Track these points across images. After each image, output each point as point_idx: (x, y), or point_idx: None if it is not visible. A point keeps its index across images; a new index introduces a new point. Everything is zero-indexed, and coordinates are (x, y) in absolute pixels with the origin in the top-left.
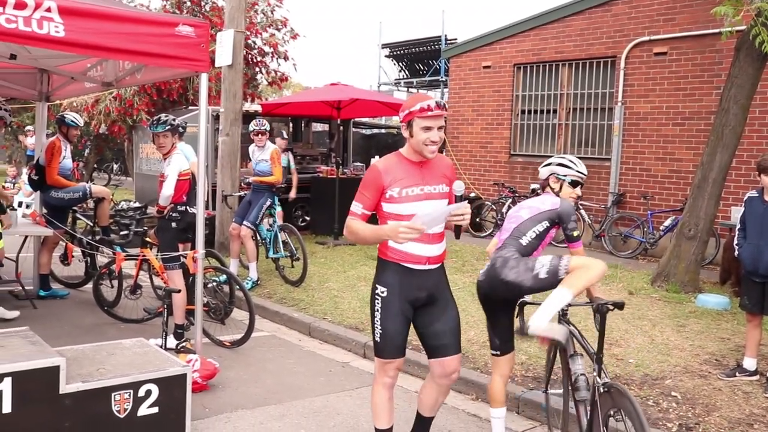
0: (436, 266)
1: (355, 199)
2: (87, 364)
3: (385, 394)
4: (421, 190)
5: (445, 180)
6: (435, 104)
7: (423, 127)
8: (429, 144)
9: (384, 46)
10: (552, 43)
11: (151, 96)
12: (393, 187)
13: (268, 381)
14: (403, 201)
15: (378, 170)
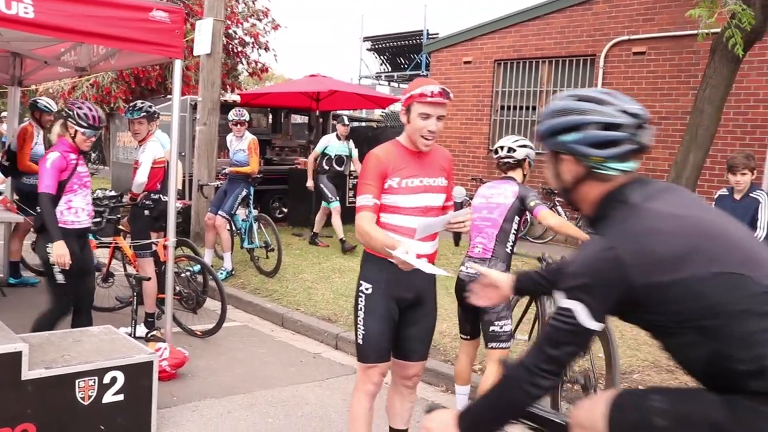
0: None
1: (361, 192)
2: (52, 351)
3: (365, 404)
4: (421, 181)
5: (443, 173)
6: (438, 91)
7: (421, 114)
8: (425, 134)
9: (365, 39)
10: (533, 40)
11: (129, 84)
12: (393, 177)
13: (238, 370)
14: (402, 192)
15: (379, 157)
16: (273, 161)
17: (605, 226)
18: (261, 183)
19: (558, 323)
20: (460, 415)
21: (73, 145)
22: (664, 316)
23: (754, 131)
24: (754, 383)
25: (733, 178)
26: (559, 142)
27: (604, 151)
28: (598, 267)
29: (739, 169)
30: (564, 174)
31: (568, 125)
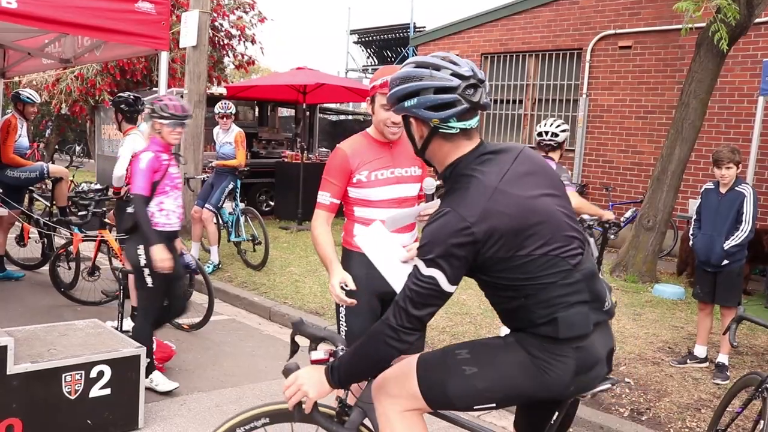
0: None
1: (321, 188)
2: (38, 345)
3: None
4: (392, 173)
5: (417, 162)
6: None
7: (383, 105)
8: (390, 125)
9: (352, 32)
10: (519, 34)
11: (114, 76)
12: (361, 171)
13: (225, 364)
14: (373, 185)
15: (344, 153)
16: (260, 154)
17: (455, 192)
18: (248, 176)
19: (421, 288)
20: (330, 370)
21: (165, 144)
22: (496, 278)
23: (738, 125)
24: (544, 329)
25: (719, 171)
26: (404, 107)
27: (439, 113)
28: (455, 242)
29: (725, 163)
30: (415, 134)
31: (408, 91)
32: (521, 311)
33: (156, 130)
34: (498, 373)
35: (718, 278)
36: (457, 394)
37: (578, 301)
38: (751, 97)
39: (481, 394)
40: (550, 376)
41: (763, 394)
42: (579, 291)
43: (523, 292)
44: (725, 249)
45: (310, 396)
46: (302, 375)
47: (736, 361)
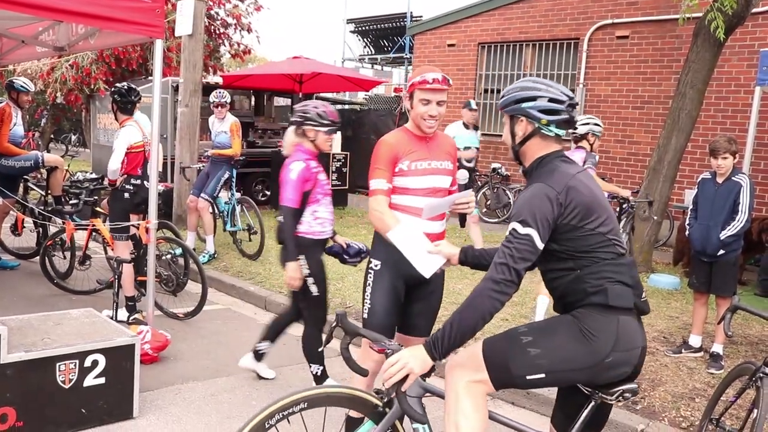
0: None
1: (374, 176)
2: (32, 334)
3: (367, 382)
4: (429, 164)
5: (449, 157)
6: (437, 78)
7: (422, 100)
8: (427, 119)
9: (349, 21)
10: (517, 23)
11: (109, 65)
12: (403, 161)
13: (221, 353)
14: (412, 174)
15: (390, 143)
16: (256, 144)
17: (542, 174)
18: (244, 165)
19: (519, 245)
20: (431, 344)
21: (313, 152)
22: (564, 246)
23: (735, 116)
24: (595, 298)
25: (715, 162)
26: (519, 107)
27: (549, 117)
28: (545, 206)
29: (721, 153)
30: (518, 131)
31: (527, 96)
32: (576, 283)
33: (309, 137)
34: (551, 342)
35: (713, 268)
36: (516, 363)
37: (623, 281)
38: (748, 87)
39: (534, 362)
40: (595, 341)
41: (757, 383)
42: (624, 273)
43: (580, 263)
44: (721, 239)
45: (415, 372)
46: (405, 354)
47: (730, 351)
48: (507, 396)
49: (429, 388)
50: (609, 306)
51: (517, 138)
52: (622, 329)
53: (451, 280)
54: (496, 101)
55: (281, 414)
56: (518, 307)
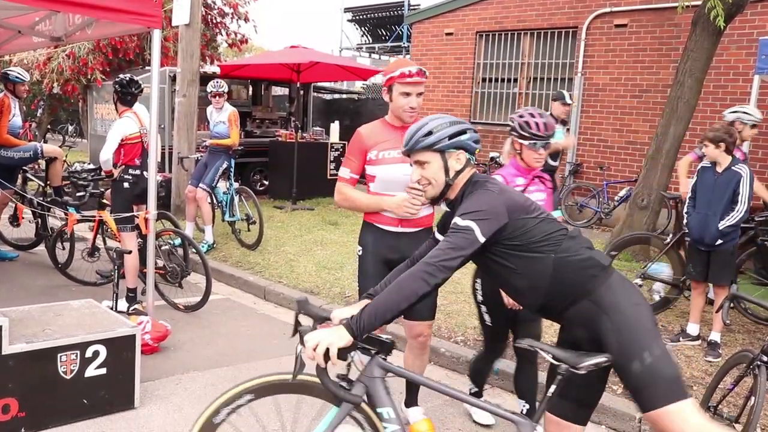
0: (412, 230)
1: (343, 165)
2: (33, 325)
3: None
4: (399, 153)
5: None
6: (415, 71)
7: (402, 93)
8: (408, 110)
9: (347, 10)
10: (515, 12)
11: (106, 55)
12: (373, 150)
13: (221, 343)
14: (381, 163)
15: (361, 134)
16: (254, 133)
17: (477, 189)
18: (242, 155)
19: (459, 236)
20: (350, 322)
21: (522, 167)
22: (528, 242)
23: (733, 104)
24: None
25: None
26: (457, 141)
27: (477, 145)
28: (491, 203)
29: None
30: (453, 165)
31: (460, 129)
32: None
33: (515, 149)
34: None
35: (711, 257)
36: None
37: (589, 246)
38: (747, 76)
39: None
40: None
41: (755, 371)
42: (584, 242)
43: (552, 244)
44: (720, 229)
45: (335, 344)
46: (322, 333)
47: (727, 339)
48: (507, 385)
49: (390, 368)
50: (605, 267)
51: (451, 171)
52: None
53: None
54: (494, 90)
55: (228, 408)
56: None
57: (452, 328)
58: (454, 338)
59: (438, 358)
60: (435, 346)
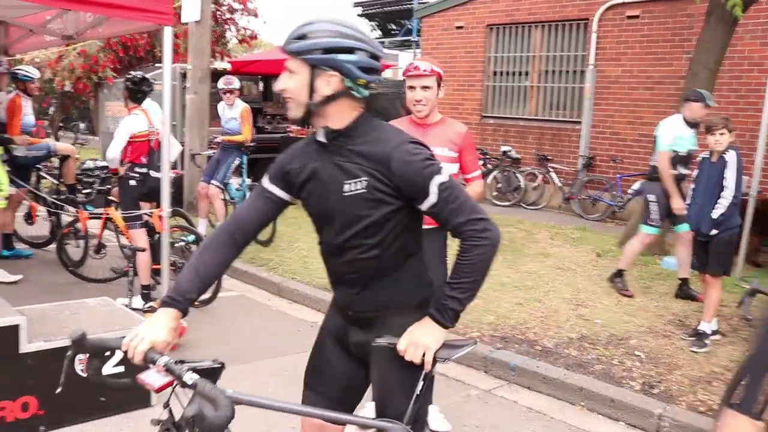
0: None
1: None
2: (50, 323)
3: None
4: None
5: (450, 144)
6: (417, 66)
7: (408, 87)
8: (414, 104)
9: (356, 4)
10: (525, 4)
11: (116, 52)
12: None
13: (236, 340)
14: None
15: None
16: (265, 129)
17: (378, 133)
18: (253, 151)
19: (454, 189)
20: (438, 312)
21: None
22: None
23: (748, 95)
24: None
25: (712, 138)
26: (332, 59)
27: (368, 76)
28: (430, 152)
29: (718, 129)
30: (322, 88)
31: (347, 47)
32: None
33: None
34: None
35: (710, 247)
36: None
37: None
38: (762, 66)
39: None
40: None
41: None
42: None
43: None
44: (713, 218)
45: (432, 348)
46: (415, 333)
47: (748, 334)
48: (523, 381)
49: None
50: None
51: (317, 95)
52: None
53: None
54: (505, 84)
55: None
56: (532, 291)
57: (467, 323)
58: (468, 334)
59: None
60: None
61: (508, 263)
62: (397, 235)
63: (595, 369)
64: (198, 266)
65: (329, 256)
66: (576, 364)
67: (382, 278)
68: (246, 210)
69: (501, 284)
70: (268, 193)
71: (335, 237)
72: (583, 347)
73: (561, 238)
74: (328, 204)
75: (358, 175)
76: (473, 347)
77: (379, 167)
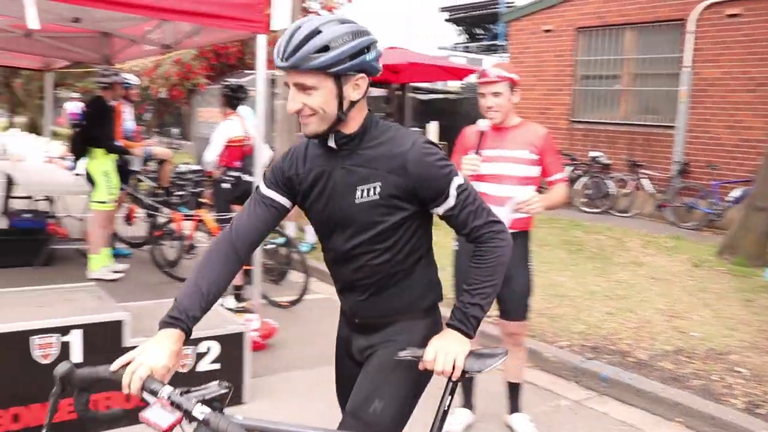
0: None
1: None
2: (148, 320)
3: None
4: (495, 152)
5: (530, 147)
6: (486, 72)
7: (480, 93)
8: (486, 110)
9: (443, 9)
10: (616, 6)
11: (209, 60)
12: (473, 148)
13: (323, 343)
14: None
15: (464, 134)
16: None
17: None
18: None
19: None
20: (459, 320)
21: None
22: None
23: None
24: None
25: None
26: (363, 61)
27: (380, 66)
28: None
29: None
30: (353, 94)
31: (366, 44)
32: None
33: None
34: None
35: None
36: None
37: None
38: None
39: None
40: None
41: None
42: None
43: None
44: None
45: (462, 355)
46: (439, 344)
47: None
48: (615, 393)
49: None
50: None
51: (346, 102)
52: None
53: (552, 272)
54: (595, 88)
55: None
56: (623, 301)
57: (556, 332)
58: (557, 343)
59: (543, 363)
60: (538, 350)
61: (598, 271)
62: (408, 238)
63: (693, 384)
64: (200, 282)
65: (337, 263)
66: (671, 378)
67: (392, 283)
68: (246, 219)
69: (591, 293)
70: (268, 200)
71: (344, 243)
72: (679, 361)
73: (654, 247)
74: (338, 211)
75: (372, 180)
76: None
77: (393, 170)
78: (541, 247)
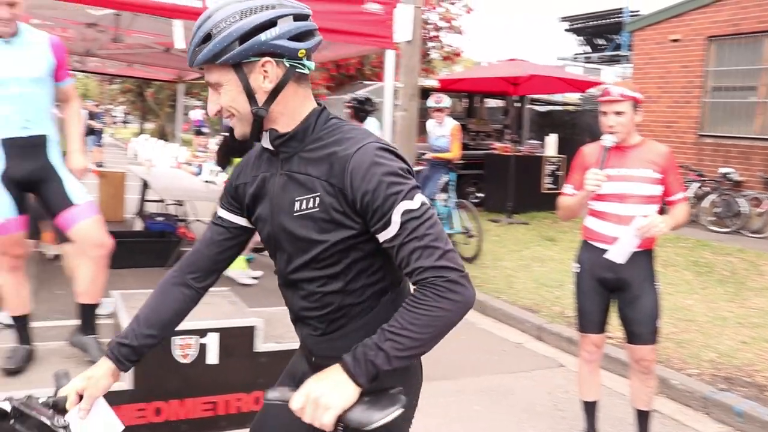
0: None
1: (566, 182)
2: (278, 326)
3: (584, 368)
4: (618, 171)
5: (652, 166)
6: (609, 90)
7: (601, 111)
8: (607, 130)
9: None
10: (754, 12)
11: (329, 71)
12: (595, 167)
13: (441, 356)
14: None
15: (583, 152)
16: (469, 146)
17: (337, 137)
18: (462, 167)
19: (427, 223)
20: (350, 364)
21: None
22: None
23: None
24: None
25: None
26: (256, 43)
27: (305, 43)
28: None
29: None
30: (263, 84)
31: (263, 21)
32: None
33: None
34: None
35: None
36: None
37: None
38: None
39: None
40: None
41: None
42: None
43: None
44: None
45: (335, 406)
46: (314, 389)
47: None
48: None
49: None
50: None
51: (260, 95)
52: None
53: (679, 294)
54: (727, 100)
55: None
56: (760, 329)
57: (684, 358)
58: (685, 370)
59: (669, 391)
60: (665, 377)
61: (730, 296)
62: (366, 266)
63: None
64: (139, 313)
65: (284, 289)
66: None
67: (350, 319)
68: (198, 245)
69: (722, 319)
70: (218, 219)
71: (286, 266)
72: None
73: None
74: (276, 226)
75: (312, 188)
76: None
77: (335, 176)
78: (665, 267)
